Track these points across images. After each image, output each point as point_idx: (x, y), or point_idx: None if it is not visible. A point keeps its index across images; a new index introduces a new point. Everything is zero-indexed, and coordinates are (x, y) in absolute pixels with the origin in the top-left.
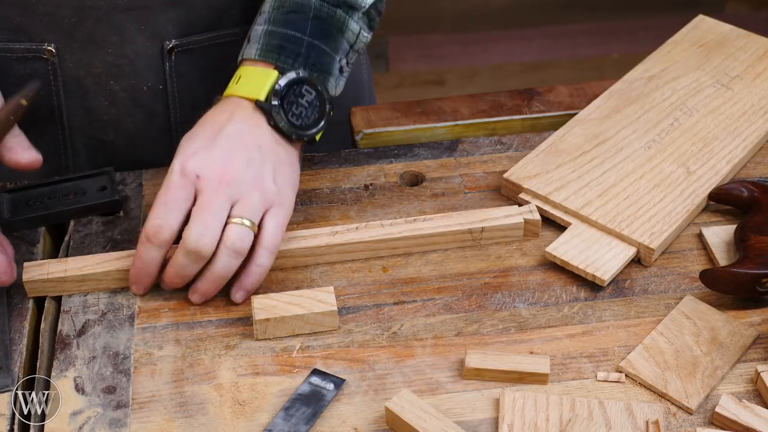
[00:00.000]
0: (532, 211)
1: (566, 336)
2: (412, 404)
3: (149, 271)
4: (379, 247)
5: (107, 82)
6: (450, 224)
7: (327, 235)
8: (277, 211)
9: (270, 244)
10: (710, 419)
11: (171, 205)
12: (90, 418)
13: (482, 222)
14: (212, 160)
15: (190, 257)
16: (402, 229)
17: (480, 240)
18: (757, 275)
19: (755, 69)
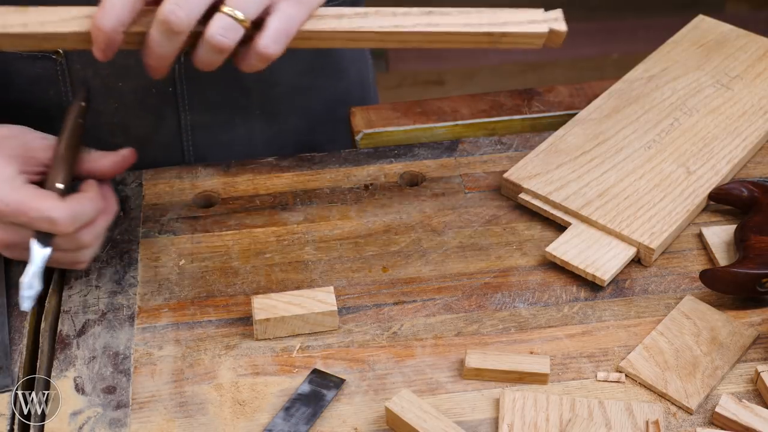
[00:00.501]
0: (557, 19)
1: (566, 336)
2: (412, 404)
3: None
4: (389, 39)
5: (115, 84)
6: (469, 23)
7: (332, 17)
8: (287, 8)
9: (265, 48)
10: (710, 419)
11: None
12: (90, 418)
13: (503, 26)
14: None
15: (161, 30)
16: (416, 22)
17: (497, 44)
18: (757, 275)
19: (755, 69)
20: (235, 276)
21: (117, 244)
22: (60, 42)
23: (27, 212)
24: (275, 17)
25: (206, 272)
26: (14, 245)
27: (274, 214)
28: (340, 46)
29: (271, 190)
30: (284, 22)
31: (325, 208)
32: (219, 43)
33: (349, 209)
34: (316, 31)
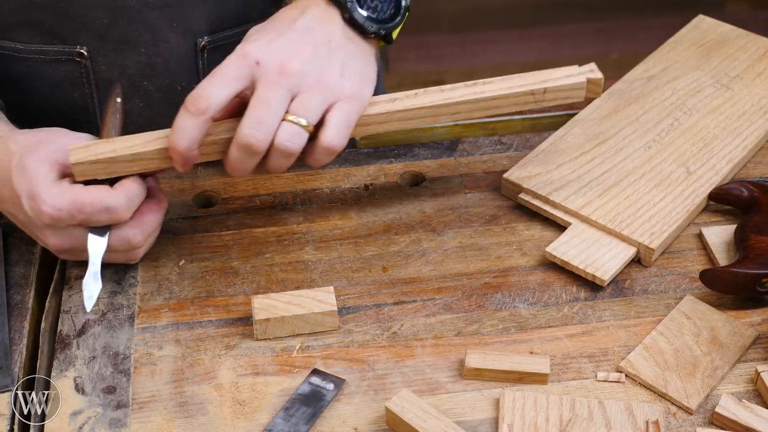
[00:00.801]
0: (593, 70)
1: (566, 336)
2: (412, 404)
3: (180, 142)
4: (440, 113)
5: (141, 83)
6: (512, 86)
7: (386, 102)
8: (344, 104)
9: (329, 143)
10: (710, 419)
11: (218, 78)
12: (90, 418)
13: (544, 83)
14: (275, 48)
15: (243, 152)
16: (463, 93)
17: (542, 102)
18: (757, 275)
19: (755, 69)
20: (235, 276)
21: None
22: (145, 162)
23: (83, 208)
24: (335, 113)
25: (206, 272)
26: (70, 249)
27: (274, 214)
28: (396, 128)
29: (271, 190)
30: (344, 116)
31: (325, 208)
32: (288, 149)
33: (349, 209)
34: (373, 115)
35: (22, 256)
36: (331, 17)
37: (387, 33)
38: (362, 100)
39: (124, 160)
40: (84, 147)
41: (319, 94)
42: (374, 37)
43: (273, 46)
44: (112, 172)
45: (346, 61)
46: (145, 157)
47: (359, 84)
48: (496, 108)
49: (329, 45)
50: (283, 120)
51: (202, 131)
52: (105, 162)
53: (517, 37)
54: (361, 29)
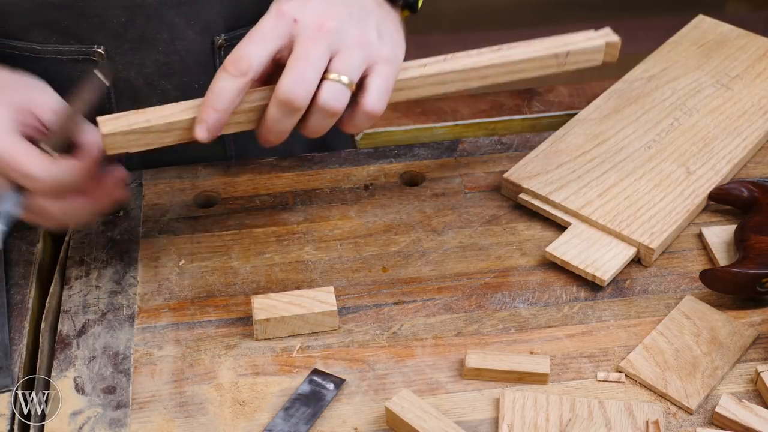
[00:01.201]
0: (609, 34)
1: (566, 336)
2: (412, 404)
3: (218, 103)
4: (470, 77)
5: (158, 82)
6: (536, 50)
7: (417, 67)
8: (383, 67)
9: (372, 107)
10: (710, 419)
11: (257, 37)
12: (90, 418)
13: (566, 46)
14: (312, 7)
15: (282, 109)
16: (490, 57)
17: (564, 65)
18: (757, 275)
19: (755, 69)
20: (235, 276)
21: (117, 244)
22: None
23: (9, 163)
24: (375, 77)
25: (206, 272)
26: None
27: (274, 214)
28: (428, 93)
29: (271, 190)
30: (384, 80)
31: (325, 208)
32: (332, 108)
33: (349, 209)
34: (407, 79)
35: (22, 256)
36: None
37: (413, 1)
38: (398, 63)
39: (158, 131)
40: (114, 118)
41: (359, 53)
42: (401, 4)
43: (309, 6)
44: (145, 144)
45: (380, 24)
46: (179, 127)
47: (394, 47)
48: (521, 72)
49: (362, 8)
50: (324, 80)
51: (242, 93)
52: (139, 132)
53: (517, 37)
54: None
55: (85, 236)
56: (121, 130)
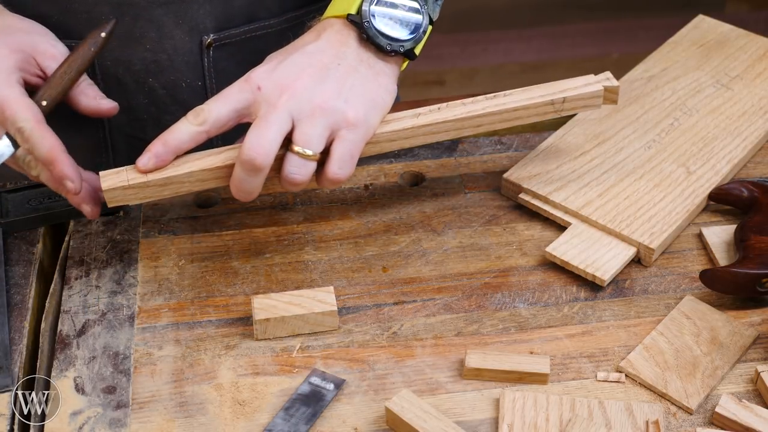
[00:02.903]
0: (609, 78)
1: (566, 336)
2: (412, 404)
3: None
4: (464, 126)
5: (146, 80)
6: (532, 97)
7: (410, 117)
8: (348, 132)
9: (334, 175)
10: (710, 419)
11: (221, 97)
12: (90, 418)
13: (563, 92)
14: (279, 73)
15: (245, 169)
16: (485, 105)
17: (561, 111)
18: (757, 275)
19: (755, 69)
20: (235, 276)
21: (117, 244)
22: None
23: (4, 110)
24: (338, 145)
25: (206, 272)
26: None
27: (274, 214)
28: (421, 142)
29: (271, 190)
30: (347, 147)
31: (325, 208)
32: (294, 180)
33: (349, 209)
34: (399, 131)
35: (22, 256)
36: (345, 39)
37: (407, 50)
38: (368, 126)
39: (155, 185)
40: (115, 173)
41: (321, 121)
42: (394, 55)
43: (277, 71)
44: (143, 197)
45: (354, 84)
46: (175, 181)
47: (365, 109)
48: (517, 119)
49: (338, 68)
50: (288, 151)
51: (194, 140)
52: (137, 187)
53: (516, 38)
54: (379, 48)
55: (85, 236)
56: (120, 185)
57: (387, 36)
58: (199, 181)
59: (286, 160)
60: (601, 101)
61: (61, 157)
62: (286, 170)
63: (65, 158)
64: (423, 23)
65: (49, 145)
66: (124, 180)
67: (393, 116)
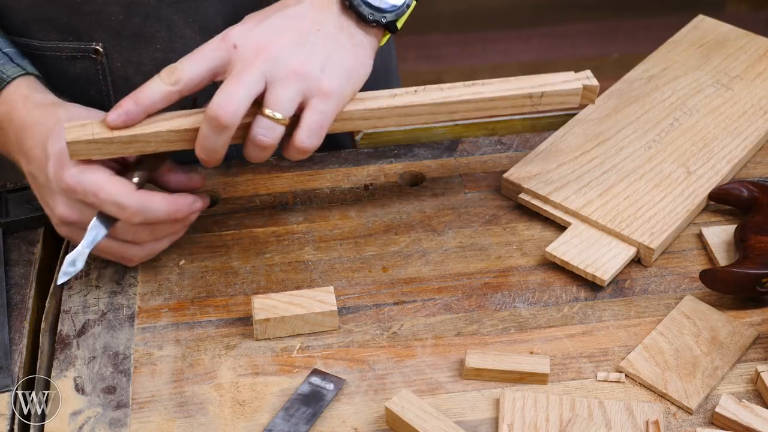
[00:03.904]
0: (589, 77)
1: (566, 336)
2: (412, 404)
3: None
4: (439, 111)
5: None
6: (510, 88)
7: (386, 97)
8: (320, 102)
9: (301, 144)
10: (710, 419)
11: (195, 55)
12: (90, 418)
13: (542, 87)
14: (257, 32)
15: (211, 126)
16: (462, 92)
17: (538, 106)
18: (757, 275)
19: (755, 69)
20: (235, 276)
21: None
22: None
23: (98, 193)
24: (308, 114)
25: (206, 272)
26: (74, 223)
27: (274, 214)
28: (395, 123)
29: (271, 190)
30: (317, 117)
31: (325, 208)
32: (261, 143)
33: (349, 209)
34: (373, 109)
35: (22, 256)
36: (328, 5)
37: (390, 21)
38: (341, 98)
39: (120, 142)
40: (80, 125)
41: (294, 86)
42: (375, 26)
43: (255, 31)
44: (108, 153)
45: (332, 53)
46: (141, 140)
47: (340, 80)
48: (493, 109)
49: (317, 34)
50: (258, 113)
51: (166, 99)
52: (101, 143)
53: (516, 37)
54: (361, 17)
55: None
56: (84, 139)
57: (370, 5)
58: (165, 141)
59: (254, 122)
60: (579, 99)
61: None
62: (254, 132)
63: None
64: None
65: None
66: (89, 134)
67: (369, 94)
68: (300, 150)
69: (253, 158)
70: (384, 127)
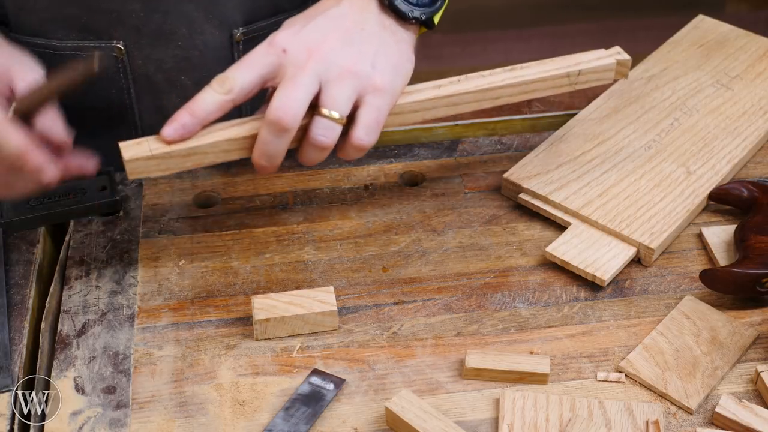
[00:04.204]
0: (619, 52)
1: (566, 336)
2: (412, 404)
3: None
4: (484, 98)
5: (178, 77)
6: (549, 69)
7: (432, 89)
8: (374, 98)
9: (359, 141)
10: (710, 419)
11: (245, 62)
12: (90, 418)
13: (577, 65)
14: (304, 35)
15: (272, 130)
16: (504, 77)
17: (576, 85)
18: (757, 275)
19: (755, 69)
20: (235, 276)
21: (117, 244)
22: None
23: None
24: (364, 111)
25: (206, 272)
26: None
27: (274, 214)
28: (443, 114)
29: (271, 190)
30: (373, 113)
31: (325, 208)
32: (321, 143)
33: (349, 209)
34: (421, 101)
35: (22, 256)
36: (367, 4)
37: (428, 17)
38: (393, 93)
39: (179, 155)
40: (136, 143)
41: (348, 84)
42: (415, 23)
43: (302, 34)
44: (166, 168)
45: (379, 51)
46: (200, 152)
47: (391, 76)
48: (534, 92)
49: (362, 33)
50: (315, 114)
51: (221, 109)
52: (159, 158)
53: (516, 37)
54: (400, 15)
55: (85, 236)
56: (143, 156)
57: (408, 2)
58: (223, 151)
59: (313, 123)
60: (613, 75)
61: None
62: (313, 133)
63: (35, 149)
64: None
65: (16, 138)
66: (146, 150)
67: (414, 87)
68: (358, 148)
69: (310, 160)
70: (432, 118)
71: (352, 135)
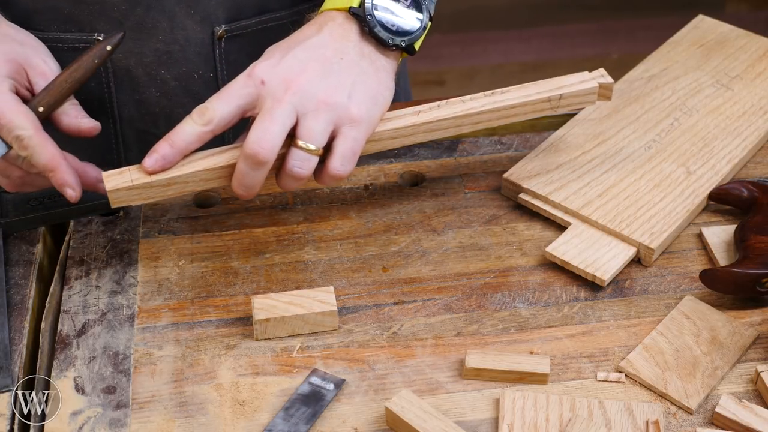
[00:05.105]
0: (603, 75)
1: (566, 336)
2: (412, 404)
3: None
4: (463, 123)
5: (158, 72)
6: (529, 94)
7: (411, 115)
8: (350, 129)
9: (335, 171)
10: (710, 419)
11: (224, 94)
12: (90, 418)
13: (559, 89)
14: (282, 67)
15: (248, 163)
16: (484, 102)
17: (557, 108)
18: (757, 275)
19: (755, 69)
20: (235, 276)
21: (117, 244)
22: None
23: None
24: (341, 141)
25: (206, 272)
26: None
27: (274, 214)
28: (422, 139)
29: (271, 190)
30: (349, 143)
31: (325, 208)
32: (297, 174)
33: (349, 209)
34: (400, 128)
35: (22, 256)
36: (346, 33)
37: (408, 45)
38: (370, 123)
39: (159, 185)
40: (118, 173)
41: (324, 116)
42: (395, 49)
43: (281, 65)
44: (147, 197)
45: (357, 81)
46: (179, 181)
47: (368, 105)
48: (514, 116)
49: (341, 63)
50: (292, 145)
51: (200, 140)
52: (141, 188)
53: (516, 37)
54: (381, 42)
55: (85, 236)
56: (124, 186)
57: (389, 30)
58: (202, 180)
59: (289, 154)
60: (596, 98)
61: (61, 165)
62: (290, 164)
63: (65, 166)
64: (424, 18)
65: (49, 154)
66: (128, 180)
67: (394, 114)
68: (334, 177)
69: (288, 187)
70: (411, 144)
71: (329, 165)
